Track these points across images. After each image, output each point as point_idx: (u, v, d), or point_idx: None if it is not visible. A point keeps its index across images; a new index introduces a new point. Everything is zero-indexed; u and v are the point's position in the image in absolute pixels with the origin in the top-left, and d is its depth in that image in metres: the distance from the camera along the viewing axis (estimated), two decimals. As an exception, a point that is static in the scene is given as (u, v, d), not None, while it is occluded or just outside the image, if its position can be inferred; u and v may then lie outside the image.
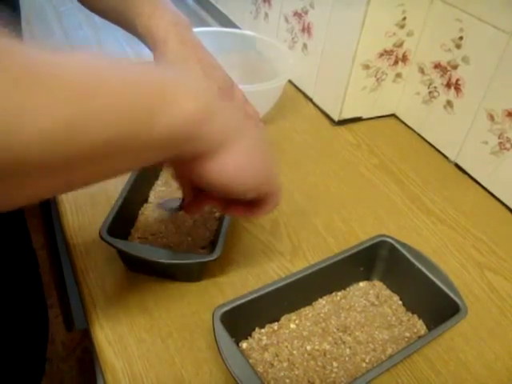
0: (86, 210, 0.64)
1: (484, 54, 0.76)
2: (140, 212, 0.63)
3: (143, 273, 0.57)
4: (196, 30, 0.89)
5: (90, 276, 0.56)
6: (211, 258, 0.53)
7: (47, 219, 1.17)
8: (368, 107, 0.91)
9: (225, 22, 1.19)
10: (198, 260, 0.54)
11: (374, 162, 0.82)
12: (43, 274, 0.77)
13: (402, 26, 0.83)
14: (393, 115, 0.94)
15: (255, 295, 0.49)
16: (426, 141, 0.88)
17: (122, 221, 0.57)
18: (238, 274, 0.59)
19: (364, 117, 0.91)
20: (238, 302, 0.48)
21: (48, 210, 0.89)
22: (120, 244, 0.53)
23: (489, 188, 0.79)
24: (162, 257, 0.53)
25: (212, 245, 0.59)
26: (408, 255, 0.56)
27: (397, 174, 0.80)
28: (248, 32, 0.91)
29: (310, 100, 0.95)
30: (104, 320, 0.52)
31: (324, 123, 0.90)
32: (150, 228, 0.61)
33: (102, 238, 0.53)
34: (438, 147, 0.87)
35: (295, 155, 0.81)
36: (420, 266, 0.55)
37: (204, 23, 1.21)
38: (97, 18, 0.65)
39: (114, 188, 0.61)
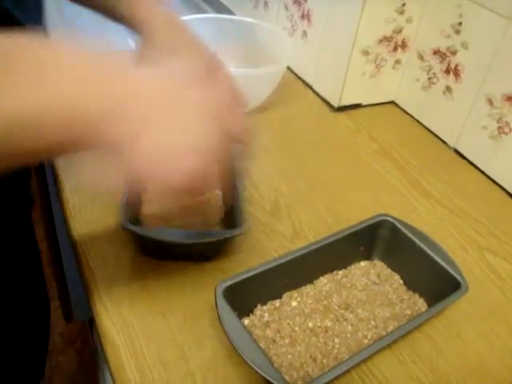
0: (86, 191, 0.64)
1: (483, 39, 0.76)
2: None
3: (159, 258, 0.57)
4: (194, 16, 0.90)
5: (91, 255, 0.56)
6: (240, 232, 0.53)
7: (47, 211, 1.17)
8: (367, 94, 0.91)
9: (223, 10, 1.19)
10: (228, 235, 0.54)
11: (374, 147, 0.82)
12: (43, 266, 0.77)
13: (402, 13, 0.83)
14: (392, 102, 0.94)
15: (257, 271, 0.49)
16: (425, 127, 0.88)
17: (132, 209, 0.56)
18: (239, 254, 0.59)
19: (363, 103, 0.91)
20: (241, 278, 0.48)
21: (48, 201, 0.89)
22: (145, 231, 0.52)
23: (488, 173, 0.79)
24: (193, 238, 0.53)
25: (224, 222, 0.60)
26: (409, 234, 0.56)
27: (396, 159, 0.80)
28: (247, 19, 0.91)
29: (310, 87, 0.95)
30: (106, 298, 0.52)
31: (323, 110, 0.90)
32: (157, 215, 0.60)
33: (124, 227, 0.51)
34: (437, 133, 0.87)
35: (295, 140, 0.81)
36: (421, 245, 0.55)
37: (202, 12, 1.21)
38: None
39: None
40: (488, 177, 0.78)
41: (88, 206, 0.62)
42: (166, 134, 0.38)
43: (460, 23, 0.79)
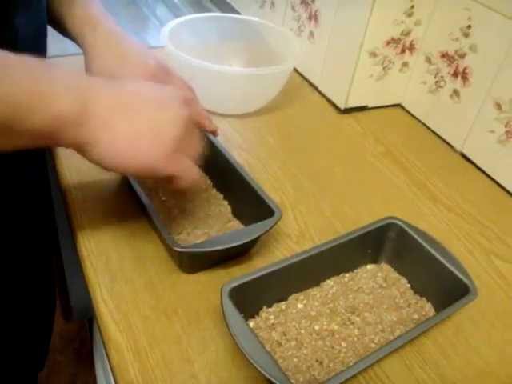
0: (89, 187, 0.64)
1: (492, 42, 0.75)
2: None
3: (203, 269, 0.56)
4: (199, 15, 0.89)
5: (94, 254, 0.56)
6: (278, 218, 0.54)
7: (48, 208, 1.16)
8: (374, 96, 0.90)
9: (228, 10, 1.19)
10: (270, 226, 0.54)
11: (380, 149, 0.81)
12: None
13: (410, 15, 0.83)
14: (398, 105, 0.94)
15: (263, 272, 0.48)
16: (432, 130, 0.88)
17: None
18: (244, 256, 0.58)
19: (370, 106, 0.91)
20: (247, 279, 0.47)
21: (49, 197, 0.89)
22: (204, 246, 0.52)
23: (495, 177, 0.78)
24: (245, 236, 0.53)
25: (235, 215, 0.61)
26: (417, 237, 0.55)
27: (403, 162, 0.79)
28: (253, 18, 0.90)
29: (316, 88, 0.94)
30: (108, 297, 0.52)
31: (329, 111, 0.89)
32: (176, 228, 0.59)
33: (180, 251, 0.51)
34: (443, 137, 0.86)
35: (301, 141, 0.80)
36: (429, 248, 0.54)
37: (207, 11, 1.20)
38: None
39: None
40: (495, 181, 0.78)
41: (92, 201, 0.61)
42: (125, 126, 0.43)
43: (469, 26, 0.78)
